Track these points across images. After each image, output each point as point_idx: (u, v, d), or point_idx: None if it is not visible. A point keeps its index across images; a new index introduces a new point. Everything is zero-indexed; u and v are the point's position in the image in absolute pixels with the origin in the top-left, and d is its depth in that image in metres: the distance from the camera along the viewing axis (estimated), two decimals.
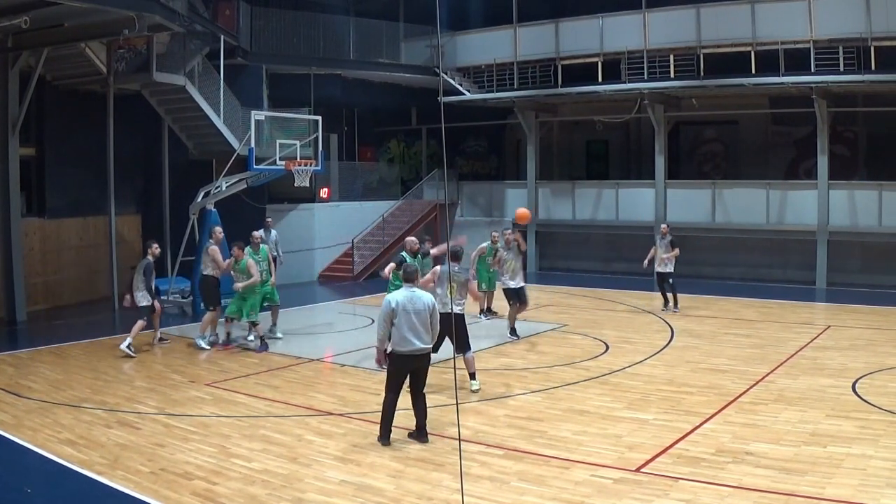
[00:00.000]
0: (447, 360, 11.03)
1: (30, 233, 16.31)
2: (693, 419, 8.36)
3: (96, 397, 9.54)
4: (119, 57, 16.74)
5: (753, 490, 6.38)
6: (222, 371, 10.95)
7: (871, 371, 10.30)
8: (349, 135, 24.50)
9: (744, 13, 18.53)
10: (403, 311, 7.58)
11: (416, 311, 7.61)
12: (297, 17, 21.31)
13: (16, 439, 7.94)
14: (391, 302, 7.64)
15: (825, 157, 18.70)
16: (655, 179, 20.92)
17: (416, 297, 7.70)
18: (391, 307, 7.59)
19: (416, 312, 7.61)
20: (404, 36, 23.55)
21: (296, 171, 16.09)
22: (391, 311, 7.59)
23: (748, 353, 11.59)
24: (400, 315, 7.57)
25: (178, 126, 18.80)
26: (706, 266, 20.71)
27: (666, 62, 19.71)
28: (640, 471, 6.92)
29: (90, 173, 17.53)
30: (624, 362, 11.15)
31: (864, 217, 18.38)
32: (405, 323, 7.57)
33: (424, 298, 7.74)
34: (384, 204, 23.18)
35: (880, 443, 7.45)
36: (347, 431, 8.19)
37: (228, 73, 18.81)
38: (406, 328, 7.57)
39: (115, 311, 16.10)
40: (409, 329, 7.58)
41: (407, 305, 7.60)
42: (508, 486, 6.62)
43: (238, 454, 7.47)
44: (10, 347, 12.67)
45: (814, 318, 15.08)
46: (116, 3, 12.78)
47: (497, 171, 27.25)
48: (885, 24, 16.83)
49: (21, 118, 14.81)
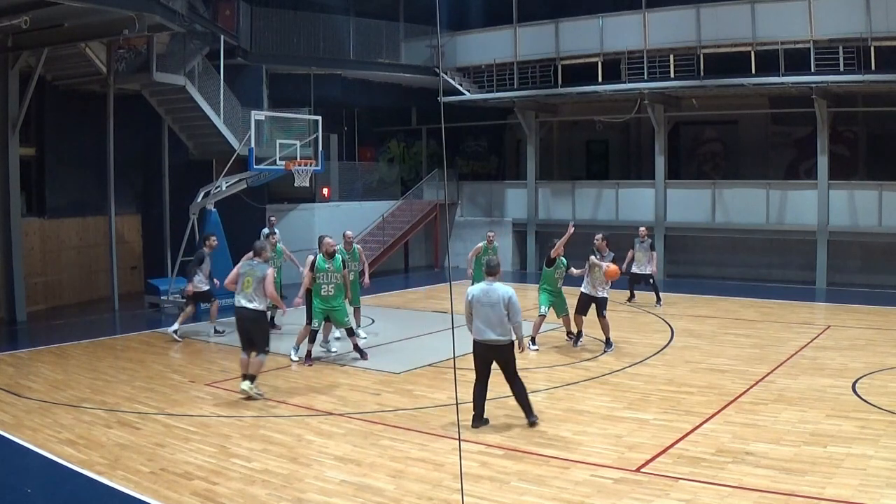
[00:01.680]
0: (447, 359, 11.08)
1: (30, 233, 16.31)
2: (693, 419, 8.36)
3: (96, 397, 9.54)
4: (119, 57, 16.74)
5: (753, 490, 6.38)
6: (222, 371, 10.95)
7: (871, 371, 10.30)
8: (349, 135, 24.50)
9: (744, 13, 18.53)
10: (478, 304, 7.98)
11: (491, 304, 7.95)
12: (297, 17, 21.30)
13: (16, 439, 7.94)
14: (468, 294, 8.15)
15: (825, 157, 18.71)
16: (655, 179, 20.92)
17: (493, 290, 8.04)
18: (468, 299, 8.11)
19: (491, 305, 7.95)
20: (404, 36, 23.55)
21: (296, 171, 16.09)
22: (468, 302, 8.09)
23: (748, 353, 11.59)
24: (475, 307, 7.99)
25: (178, 126, 18.80)
26: (706, 266, 20.72)
27: (666, 62, 19.71)
28: (640, 471, 6.92)
29: (90, 173, 17.54)
30: (624, 362, 11.15)
31: (864, 217, 18.38)
32: (480, 315, 7.99)
33: (500, 292, 8.00)
34: (384, 204, 23.18)
35: (880, 443, 7.45)
36: (347, 431, 8.19)
37: (228, 73, 18.81)
38: (481, 320, 7.99)
39: (115, 311, 16.11)
40: (483, 321, 7.98)
41: (482, 298, 7.99)
42: (508, 486, 6.62)
43: (238, 454, 7.47)
44: (10, 347, 12.67)
45: (814, 318, 15.08)
46: (116, 3, 12.78)
47: (497, 171, 27.26)
48: (885, 24, 16.84)
49: (21, 118, 14.81)
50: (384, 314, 15.58)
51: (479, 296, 8.01)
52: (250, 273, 9.35)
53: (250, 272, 9.35)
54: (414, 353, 11.99)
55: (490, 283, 8.14)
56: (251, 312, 9.34)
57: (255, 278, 9.31)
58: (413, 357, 11.66)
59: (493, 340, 7.99)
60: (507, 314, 7.96)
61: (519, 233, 23.32)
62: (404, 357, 11.77)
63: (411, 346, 12.76)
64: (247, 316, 9.36)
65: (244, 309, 9.36)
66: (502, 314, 7.95)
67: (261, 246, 9.67)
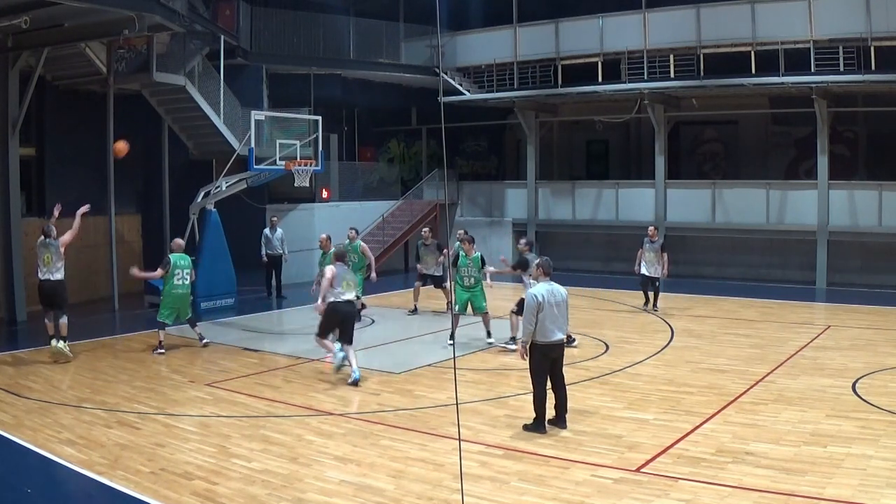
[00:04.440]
0: (447, 359, 11.08)
1: (30, 233, 16.27)
2: (693, 419, 8.36)
3: (96, 397, 9.53)
4: (119, 57, 16.74)
5: (753, 490, 6.37)
6: (222, 371, 10.95)
7: (871, 371, 10.30)
8: (349, 135, 24.49)
9: (744, 13, 18.53)
10: (548, 304, 7.96)
11: (557, 303, 8.04)
12: (297, 17, 21.30)
13: (16, 439, 7.93)
14: (537, 296, 7.99)
15: (825, 157, 18.70)
16: (655, 179, 20.92)
17: (556, 290, 8.15)
18: (538, 300, 7.94)
19: (557, 304, 8.04)
20: (404, 36, 23.55)
21: (296, 171, 16.08)
22: (538, 304, 7.92)
23: (748, 353, 11.59)
24: (545, 308, 7.93)
25: (178, 126, 18.80)
26: (706, 266, 20.71)
27: (666, 62, 19.71)
28: (640, 471, 6.92)
29: (90, 173, 17.51)
30: (624, 362, 11.15)
31: (864, 217, 18.37)
32: (549, 315, 7.95)
33: (562, 291, 8.20)
34: (384, 204, 23.17)
35: (880, 443, 7.45)
36: (347, 431, 8.19)
37: (228, 73, 18.81)
38: (549, 320, 7.96)
39: (115, 311, 16.10)
40: (551, 321, 7.97)
41: (550, 299, 8.01)
42: (508, 486, 6.61)
43: (238, 454, 7.47)
44: (10, 347, 12.67)
45: (814, 318, 15.08)
46: (116, 3, 12.77)
47: (497, 171, 27.25)
48: (885, 24, 16.83)
49: (21, 118, 14.80)
50: (385, 314, 15.58)
51: (547, 296, 8.00)
52: (346, 275, 10.47)
53: (345, 274, 10.44)
54: (414, 353, 11.99)
55: (550, 282, 8.22)
56: (353, 305, 10.70)
57: (352, 279, 10.65)
58: (413, 357, 11.67)
59: (560, 340, 8.11)
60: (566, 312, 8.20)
61: (519, 233, 23.31)
62: (404, 357, 11.77)
63: (411, 346, 12.75)
64: (352, 310, 10.63)
65: (351, 303, 10.50)
66: (565, 313, 8.16)
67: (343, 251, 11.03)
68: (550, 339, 7.99)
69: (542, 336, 7.97)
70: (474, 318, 12.83)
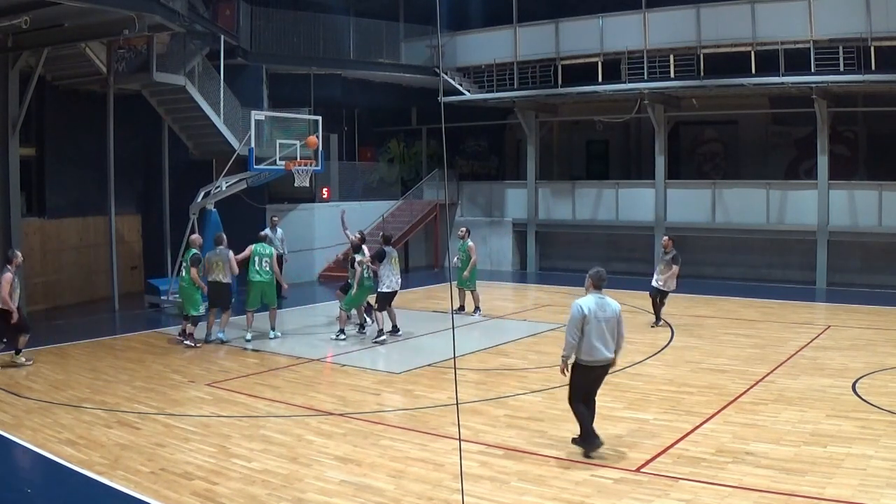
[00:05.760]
0: (447, 359, 11.08)
1: (30, 233, 16.30)
2: (693, 419, 8.37)
3: (96, 397, 9.54)
4: (119, 57, 16.73)
5: (753, 490, 6.38)
6: (222, 371, 10.95)
7: (871, 371, 10.30)
8: (349, 135, 24.48)
9: (744, 13, 18.51)
10: (595, 319, 7.23)
11: (606, 319, 7.30)
12: (297, 17, 21.29)
13: (16, 439, 7.94)
14: (583, 308, 7.25)
15: (825, 157, 18.69)
16: (655, 179, 20.91)
17: (607, 303, 7.38)
18: (583, 313, 7.22)
19: (606, 320, 7.30)
20: (404, 36, 23.54)
21: (296, 171, 16.08)
22: (583, 317, 7.21)
23: (748, 353, 11.59)
24: (591, 322, 7.22)
25: (178, 126, 18.79)
26: (706, 266, 20.70)
27: (666, 62, 19.70)
28: (640, 471, 6.92)
29: (90, 173, 17.53)
30: (624, 362, 11.11)
31: (864, 217, 18.37)
32: (594, 330, 7.22)
33: (613, 305, 7.41)
34: (384, 204, 23.18)
35: (880, 443, 7.45)
36: (347, 431, 8.19)
37: (228, 73, 18.80)
38: (595, 336, 7.22)
39: (115, 311, 16.10)
40: (597, 337, 7.24)
41: (598, 313, 7.27)
42: (508, 486, 6.62)
43: (238, 454, 7.48)
44: (10, 347, 12.65)
45: (814, 318, 15.08)
46: (116, 3, 12.76)
47: (497, 171, 27.25)
48: (885, 24, 16.82)
49: (21, 118, 14.79)
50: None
51: (595, 310, 7.23)
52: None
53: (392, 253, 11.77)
54: (414, 353, 12.00)
55: (601, 295, 7.41)
56: None
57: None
58: (413, 357, 11.67)
59: (606, 359, 7.33)
60: (618, 328, 7.40)
61: (519, 233, 23.33)
62: (404, 357, 11.78)
63: (411, 346, 12.76)
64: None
65: None
66: (614, 329, 7.36)
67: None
68: (596, 357, 7.26)
69: (586, 355, 7.25)
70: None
